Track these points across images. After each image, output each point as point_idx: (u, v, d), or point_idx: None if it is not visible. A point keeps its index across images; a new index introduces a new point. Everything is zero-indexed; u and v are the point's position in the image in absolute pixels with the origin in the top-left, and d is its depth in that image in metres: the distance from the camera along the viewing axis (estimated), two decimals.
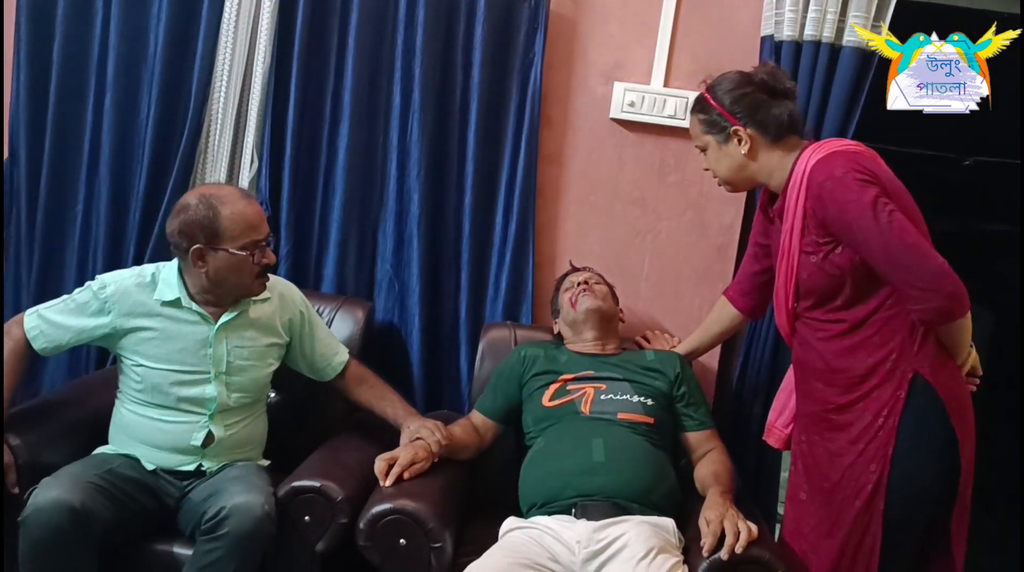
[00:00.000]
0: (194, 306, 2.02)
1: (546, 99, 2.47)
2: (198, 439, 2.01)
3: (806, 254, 1.80)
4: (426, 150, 2.46)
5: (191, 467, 2.02)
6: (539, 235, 2.53)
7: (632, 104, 2.45)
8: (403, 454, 1.96)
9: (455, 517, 1.97)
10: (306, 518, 1.87)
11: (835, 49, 2.33)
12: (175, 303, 2.02)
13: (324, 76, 2.49)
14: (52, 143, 2.54)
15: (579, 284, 2.29)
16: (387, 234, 2.54)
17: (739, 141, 1.87)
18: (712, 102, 1.90)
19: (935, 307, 1.66)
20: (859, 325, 1.78)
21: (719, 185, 1.99)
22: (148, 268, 2.08)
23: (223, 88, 2.44)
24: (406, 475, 1.93)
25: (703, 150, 1.96)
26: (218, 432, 2.02)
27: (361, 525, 1.84)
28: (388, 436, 2.20)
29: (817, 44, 2.32)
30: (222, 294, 2.03)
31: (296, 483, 1.89)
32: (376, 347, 2.48)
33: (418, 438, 2.04)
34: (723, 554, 1.73)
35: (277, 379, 2.20)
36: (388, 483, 1.91)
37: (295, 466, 2.00)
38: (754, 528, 1.77)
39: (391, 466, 1.93)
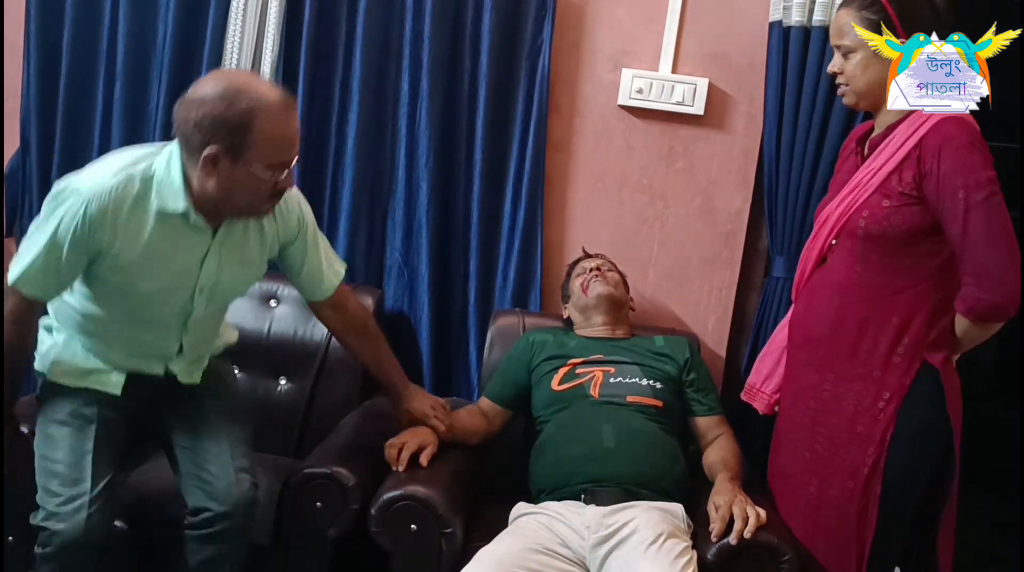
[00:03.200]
0: (200, 221, 1.71)
1: (554, 86, 2.46)
2: (171, 350, 1.85)
3: (881, 194, 1.73)
4: (434, 138, 2.46)
5: (159, 370, 1.87)
6: (547, 222, 2.53)
7: (640, 91, 2.45)
8: (411, 440, 1.97)
9: (465, 502, 1.98)
10: (318, 504, 1.88)
11: None
12: (182, 215, 1.69)
13: (332, 65, 2.49)
14: (63, 132, 2.56)
15: (591, 270, 2.30)
16: (396, 222, 2.54)
17: None
18: (886, 3, 1.73)
19: (996, 302, 1.64)
20: (883, 300, 1.75)
21: (841, 95, 1.85)
22: (136, 170, 1.68)
23: None
24: (423, 460, 1.94)
25: (848, 52, 1.78)
26: (188, 340, 1.86)
27: (372, 511, 1.85)
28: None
29: (827, 29, 2.29)
30: (224, 208, 1.71)
31: (308, 470, 1.90)
32: (386, 334, 2.47)
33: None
34: (732, 539, 1.74)
35: (285, 366, 2.21)
36: (402, 468, 1.92)
37: (305, 452, 2.01)
38: (762, 513, 1.78)
39: (400, 452, 1.95)
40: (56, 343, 1.85)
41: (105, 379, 1.83)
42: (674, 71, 2.45)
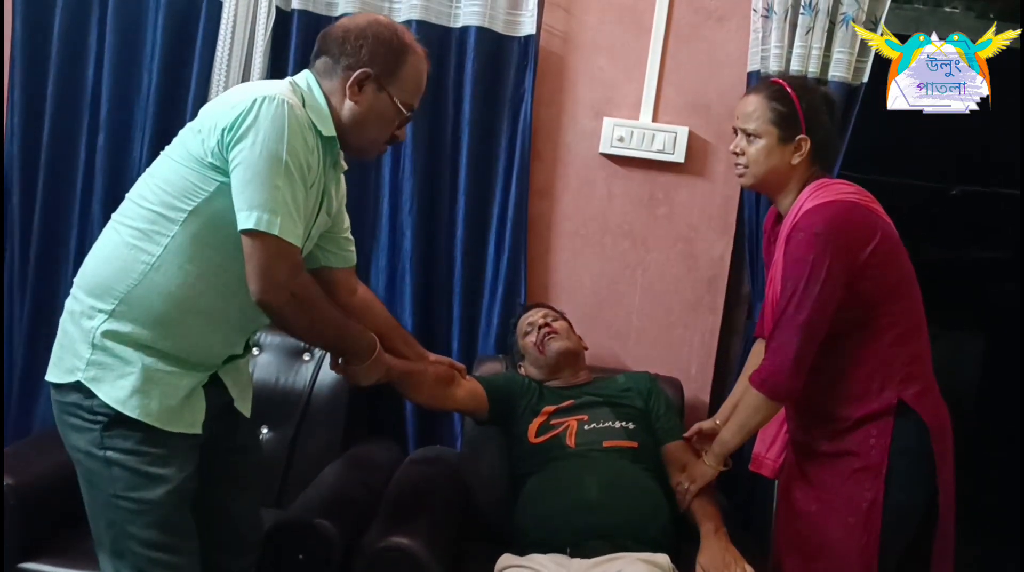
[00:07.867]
0: (337, 154, 1.65)
1: (536, 134, 2.49)
2: (253, 327, 1.68)
3: None
4: (418, 185, 2.47)
5: (240, 349, 1.69)
6: (530, 268, 2.54)
7: (621, 139, 2.48)
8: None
9: (449, 553, 1.96)
10: (300, 556, 1.85)
11: (821, 84, 2.36)
12: (331, 143, 1.61)
13: None
14: (45, 181, 2.55)
15: (541, 327, 2.28)
16: (380, 269, 2.54)
17: (796, 149, 1.81)
18: (795, 99, 1.81)
19: (767, 381, 1.76)
20: (836, 371, 1.78)
21: (740, 175, 1.89)
22: (283, 87, 1.53)
23: None
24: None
25: (753, 136, 1.84)
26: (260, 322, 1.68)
27: (356, 562, 1.83)
28: (382, 470, 2.20)
29: (803, 79, 2.34)
30: (351, 138, 1.64)
31: (290, 521, 1.89)
32: None
33: None
34: None
35: (267, 414, 2.18)
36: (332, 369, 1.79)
37: (288, 502, 1.99)
38: None
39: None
40: (129, 361, 1.50)
41: (196, 409, 1.56)
42: (655, 120, 2.49)
